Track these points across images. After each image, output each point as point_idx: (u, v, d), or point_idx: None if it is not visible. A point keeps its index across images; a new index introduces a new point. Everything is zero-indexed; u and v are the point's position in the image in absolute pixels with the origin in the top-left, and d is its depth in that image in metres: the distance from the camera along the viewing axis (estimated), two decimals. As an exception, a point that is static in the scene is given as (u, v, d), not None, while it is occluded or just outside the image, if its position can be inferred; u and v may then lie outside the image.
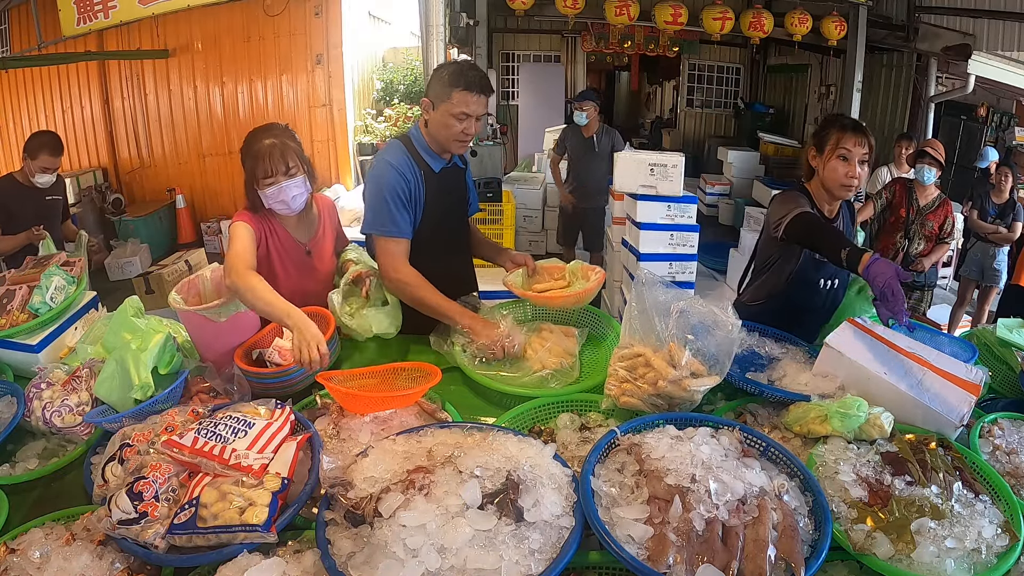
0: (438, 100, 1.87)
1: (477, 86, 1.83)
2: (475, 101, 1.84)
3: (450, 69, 1.86)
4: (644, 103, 12.53)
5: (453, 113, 1.84)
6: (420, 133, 1.97)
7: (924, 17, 5.94)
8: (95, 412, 1.46)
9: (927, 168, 3.85)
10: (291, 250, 1.91)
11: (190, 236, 7.09)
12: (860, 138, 1.83)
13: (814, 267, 1.97)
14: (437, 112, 1.87)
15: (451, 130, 1.87)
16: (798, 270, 1.98)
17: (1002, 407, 1.60)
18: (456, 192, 2.10)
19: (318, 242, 1.99)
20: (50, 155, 3.34)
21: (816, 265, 1.97)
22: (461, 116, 1.85)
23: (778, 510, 1.05)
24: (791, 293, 2.01)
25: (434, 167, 1.97)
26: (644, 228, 3.73)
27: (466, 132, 1.88)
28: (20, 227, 3.39)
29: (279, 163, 1.76)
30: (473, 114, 1.86)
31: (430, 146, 1.96)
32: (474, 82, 1.83)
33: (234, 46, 6.81)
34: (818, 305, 2.02)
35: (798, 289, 2.00)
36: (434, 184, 1.97)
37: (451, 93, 1.83)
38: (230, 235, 1.79)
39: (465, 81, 1.82)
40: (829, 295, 2.03)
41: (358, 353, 1.87)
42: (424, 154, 1.96)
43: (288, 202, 1.80)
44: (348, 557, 0.98)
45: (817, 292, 2.00)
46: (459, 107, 1.83)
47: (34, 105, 7.02)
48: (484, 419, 1.47)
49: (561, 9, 5.67)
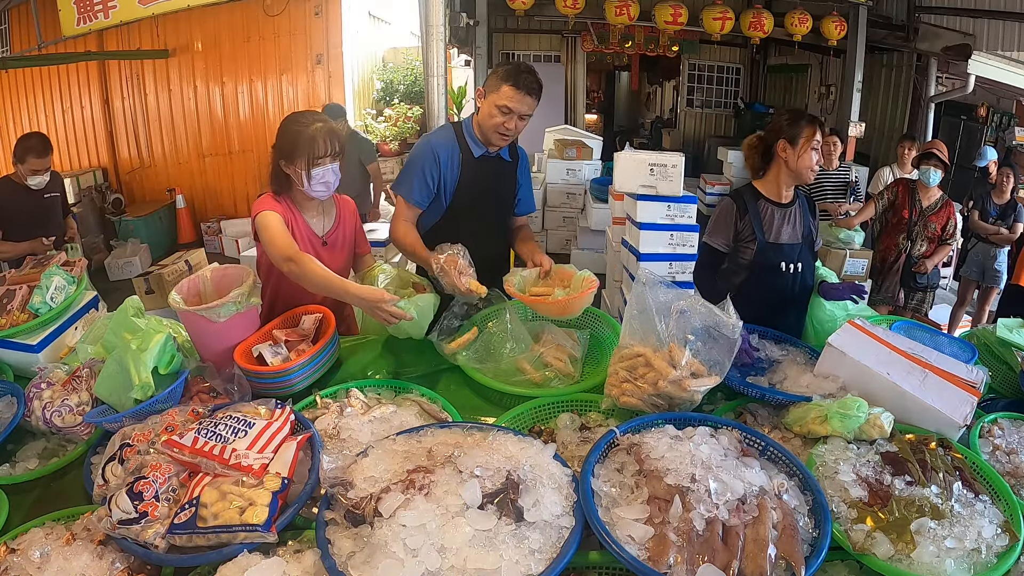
0: (489, 91, 2.02)
1: (525, 86, 1.96)
2: (519, 99, 1.97)
3: (507, 67, 2.01)
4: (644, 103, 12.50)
5: (498, 104, 1.98)
6: (471, 119, 2.14)
7: (924, 17, 5.93)
8: (95, 412, 1.47)
9: (932, 170, 3.84)
10: (309, 238, 1.96)
11: (190, 236, 7.08)
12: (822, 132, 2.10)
13: (772, 251, 2.11)
14: (486, 102, 2.03)
15: (493, 120, 2.01)
16: (756, 257, 2.12)
17: (1002, 407, 1.60)
18: (494, 181, 2.20)
19: (335, 235, 2.03)
20: (36, 157, 3.35)
21: (773, 249, 2.11)
22: (504, 109, 1.98)
23: (778, 509, 1.05)
24: (758, 280, 2.14)
25: (474, 152, 2.12)
26: (644, 228, 3.73)
27: (507, 126, 2.01)
28: (20, 228, 3.40)
29: (331, 145, 1.84)
30: (515, 111, 1.98)
31: (476, 133, 2.11)
32: (523, 82, 1.95)
33: (234, 46, 6.81)
34: (787, 287, 2.13)
35: (762, 275, 2.12)
36: (470, 167, 2.12)
37: (500, 86, 1.97)
38: (262, 224, 1.81)
39: (515, 79, 1.95)
40: (796, 279, 2.13)
41: (358, 353, 1.87)
42: (469, 138, 2.12)
43: (330, 184, 1.89)
44: (348, 557, 0.98)
45: (781, 275, 2.12)
46: (503, 100, 1.97)
47: (34, 105, 7.02)
48: (484, 419, 1.47)
49: (561, 9, 5.66)
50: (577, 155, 6.22)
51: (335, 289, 1.71)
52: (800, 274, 2.13)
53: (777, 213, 2.12)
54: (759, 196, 2.14)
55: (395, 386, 1.61)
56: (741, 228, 2.14)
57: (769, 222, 2.12)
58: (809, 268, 2.15)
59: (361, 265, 2.13)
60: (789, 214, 2.14)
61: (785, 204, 2.14)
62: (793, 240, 2.13)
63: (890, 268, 4.14)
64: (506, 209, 2.30)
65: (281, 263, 1.75)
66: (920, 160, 3.97)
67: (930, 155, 3.87)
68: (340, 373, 1.77)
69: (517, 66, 1.99)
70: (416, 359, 1.80)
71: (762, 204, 2.13)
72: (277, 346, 1.66)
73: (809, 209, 2.20)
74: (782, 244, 2.12)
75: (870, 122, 6.85)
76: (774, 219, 2.12)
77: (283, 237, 1.78)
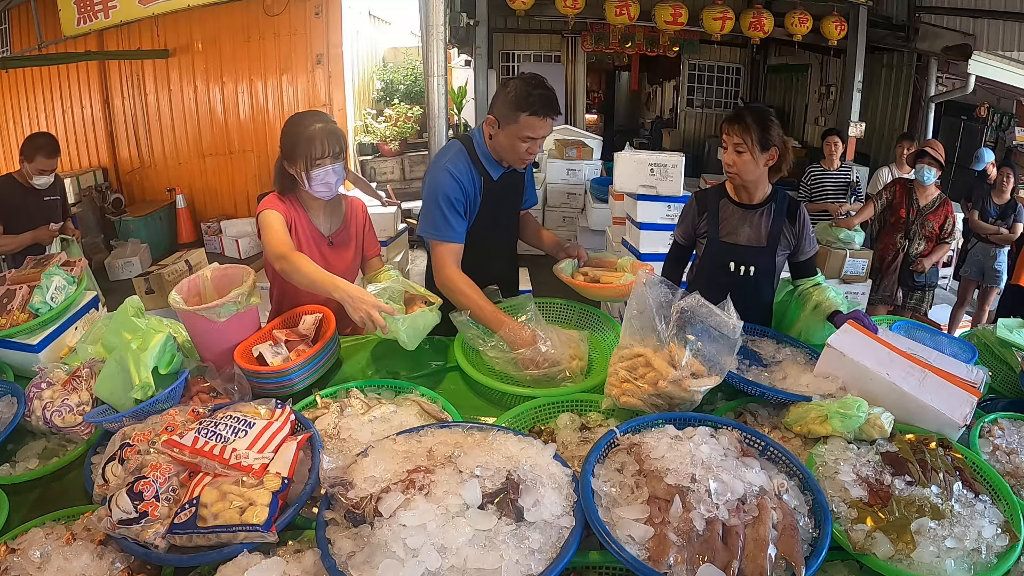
0: (504, 120, 1.86)
1: (543, 109, 1.82)
2: (541, 125, 1.84)
3: (517, 90, 1.82)
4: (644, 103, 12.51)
5: (519, 136, 1.85)
6: (483, 140, 1.96)
7: (924, 17, 5.94)
8: (95, 412, 1.47)
9: (927, 168, 3.85)
10: (314, 238, 1.95)
11: (190, 236, 7.09)
12: (742, 129, 1.96)
13: (722, 249, 2.07)
14: (503, 132, 1.88)
15: (516, 151, 1.89)
16: (704, 253, 2.12)
17: (1002, 407, 1.60)
18: (512, 196, 2.14)
19: (341, 236, 2.02)
20: (46, 157, 3.35)
21: (723, 248, 2.07)
22: (527, 139, 1.86)
23: (778, 509, 1.05)
24: (707, 277, 2.12)
25: (493, 175, 1.99)
26: (644, 228, 3.74)
27: (530, 151, 1.91)
28: (20, 227, 3.41)
29: (332, 145, 1.82)
30: (539, 136, 1.87)
31: (492, 156, 1.97)
32: (541, 105, 1.81)
33: (234, 46, 6.81)
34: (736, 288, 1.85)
35: (711, 272, 2.09)
36: (491, 190, 2.00)
37: (518, 116, 1.82)
38: (262, 223, 1.83)
39: (531, 105, 1.80)
40: (747, 281, 2.05)
41: (358, 353, 1.87)
42: (484, 161, 1.97)
43: (332, 185, 1.87)
44: (348, 557, 0.98)
45: (729, 274, 2.06)
46: (525, 131, 1.84)
47: (34, 105, 7.02)
48: (484, 419, 1.47)
49: (561, 9, 5.66)
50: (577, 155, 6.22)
51: (325, 285, 1.68)
52: (753, 278, 2.05)
53: (738, 213, 2.05)
54: (724, 195, 2.09)
55: (395, 386, 1.61)
56: (698, 224, 2.12)
57: (727, 221, 2.06)
58: (767, 274, 2.06)
59: (369, 268, 2.12)
60: (753, 216, 2.04)
61: (750, 205, 2.05)
62: (752, 243, 2.03)
63: (888, 267, 4.15)
64: (516, 219, 2.25)
65: (274, 260, 1.77)
66: (915, 159, 3.98)
67: (924, 153, 3.88)
68: (340, 373, 1.77)
69: (527, 87, 1.82)
70: (416, 359, 1.80)
71: (724, 203, 2.08)
72: (277, 346, 1.66)
73: (788, 215, 2.03)
74: (736, 244, 2.05)
75: (870, 122, 6.85)
76: (733, 219, 2.07)
77: (279, 236, 1.79)
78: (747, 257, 2.04)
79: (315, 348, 1.67)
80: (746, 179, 1.98)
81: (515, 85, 1.85)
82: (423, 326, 1.74)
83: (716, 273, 2.07)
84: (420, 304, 1.82)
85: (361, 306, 1.63)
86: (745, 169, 1.95)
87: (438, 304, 1.82)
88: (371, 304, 1.63)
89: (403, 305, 1.84)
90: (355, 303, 1.64)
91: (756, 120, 1.92)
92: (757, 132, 1.91)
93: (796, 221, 2.03)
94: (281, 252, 1.74)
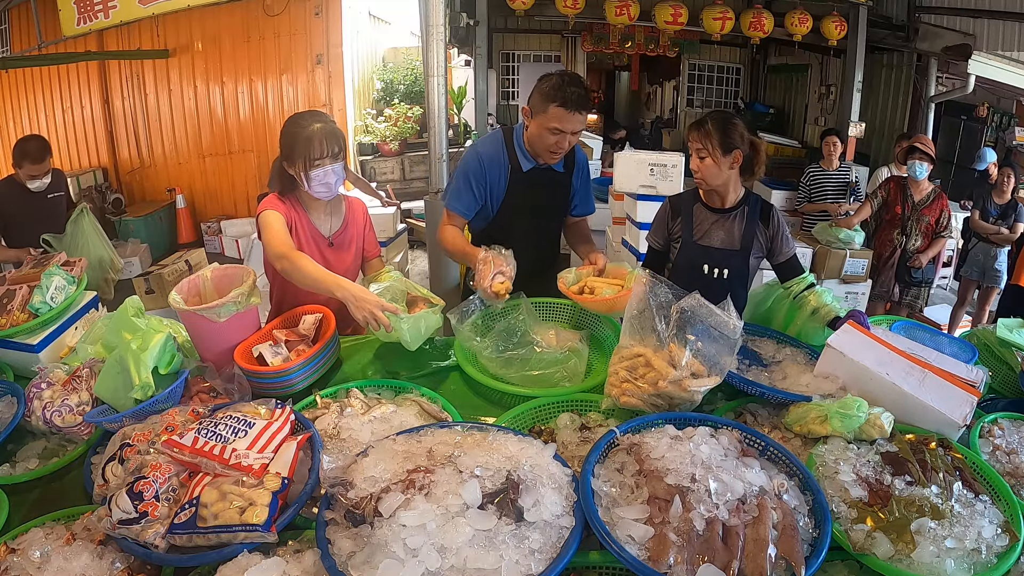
0: (536, 111, 1.95)
1: (574, 103, 1.88)
2: (570, 118, 1.90)
3: (551, 82, 1.90)
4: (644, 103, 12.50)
5: (547, 127, 1.93)
6: (522, 132, 2.07)
7: (924, 17, 5.93)
8: (95, 412, 1.47)
9: (918, 163, 3.88)
10: (315, 238, 1.95)
11: (190, 236, 7.09)
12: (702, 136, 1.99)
13: (697, 252, 2.08)
14: (534, 122, 1.97)
15: (544, 141, 1.97)
16: (679, 255, 2.13)
17: (1002, 407, 1.59)
18: (545, 192, 2.16)
19: (342, 237, 2.02)
20: (32, 163, 3.30)
21: (698, 252, 2.08)
22: (555, 131, 1.92)
23: (778, 509, 1.05)
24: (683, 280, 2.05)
25: (523, 166, 2.09)
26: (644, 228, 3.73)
27: (559, 145, 1.97)
28: (24, 228, 3.40)
29: (331, 145, 1.82)
30: (567, 130, 1.92)
31: (526, 147, 2.06)
32: (571, 99, 1.88)
33: (234, 46, 6.81)
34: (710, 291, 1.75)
35: (687, 274, 2.09)
36: (519, 181, 2.09)
37: (548, 107, 1.90)
38: (263, 224, 1.83)
39: (562, 97, 1.88)
40: (721, 283, 2.05)
41: (358, 353, 1.87)
42: (519, 151, 2.08)
43: (331, 185, 1.87)
44: (348, 557, 0.98)
45: (703, 277, 2.07)
46: (553, 122, 1.91)
47: (34, 105, 7.03)
48: (484, 419, 1.47)
49: (561, 9, 5.66)
50: (577, 155, 6.20)
51: (327, 284, 1.69)
52: (727, 280, 2.06)
53: (711, 217, 2.07)
54: (697, 200, 2.11)
55: (395, 386, 1.61)
56: (672, 228, 2.14)
57: (701, 225, 2.08)
58: (740, 276, 2.08)
59: (369, 269, 2.12)
60: (726, 220, 2.06)
61: (722, 209, 2.06)
62: (725, 246, 2.05)
63: (885, 264, 4.16)
64: (556, 216, 2.26)
65: (274, 260, 1.77)
66: (906, 154, 4.00)
67: (914, 148, 3.89)
68: (340, 373, 1.77)
69: (561, 81, 1.89)
70: (416, 359, 1.80)
71: (698, 208, 2.10)
72: (277, 346, 1.66)
73: (761, 218, 2.05)
74: (709, 247, 2.07)
75: (870, 122, 6.85)
76: (706, 223, 2.08)
77: (279, 236, 1.79)
78: (721, 260, 2.07)
79: (315, 348, 1.67)
80: (712, 184, 2.00)
81: (551, 78, 1.93)
82: (426, 327, 1.76)
83: (690, 276, 2.07)
84: (423, 305, 1.83)
85: (365, 305, 1.64)
86: (709, 174, 1.98)
87: (441, 306, 1.83)
88: (374, 303, 1.64)
89: (405, 305, 1.84)
90: (358, 302, 1.64)
91: (716, 125, 1.95)
92: (718, 136, 1.94)
93: (769, 223, 2.05)
94: (282, 252, 1.74)
